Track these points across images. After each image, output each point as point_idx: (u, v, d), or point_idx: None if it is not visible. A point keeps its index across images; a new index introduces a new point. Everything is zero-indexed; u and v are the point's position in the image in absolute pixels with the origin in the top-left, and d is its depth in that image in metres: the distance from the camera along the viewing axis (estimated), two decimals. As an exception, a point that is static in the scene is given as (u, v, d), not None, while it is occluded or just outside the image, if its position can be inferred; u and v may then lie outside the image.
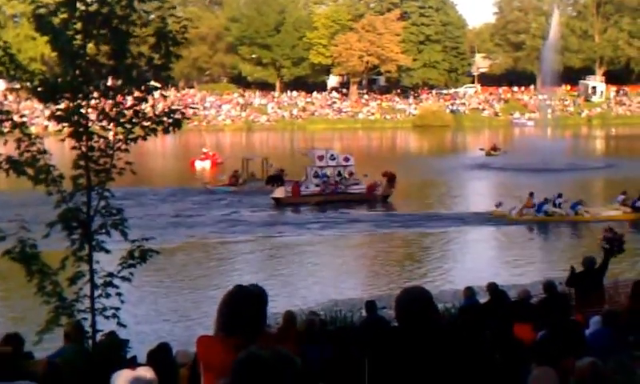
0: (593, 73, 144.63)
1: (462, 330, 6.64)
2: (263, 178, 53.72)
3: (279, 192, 48.64)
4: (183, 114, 14.13)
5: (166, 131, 13.81)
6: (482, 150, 77.00)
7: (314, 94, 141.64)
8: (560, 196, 41.68)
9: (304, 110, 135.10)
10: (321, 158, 50.79)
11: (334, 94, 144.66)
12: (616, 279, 20.08)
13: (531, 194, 41.80)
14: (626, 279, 19.95)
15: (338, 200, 47.76)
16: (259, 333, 5.19)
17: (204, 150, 72.05)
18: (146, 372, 8.83)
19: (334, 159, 50.92)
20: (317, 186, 49.04)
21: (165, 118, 13.76)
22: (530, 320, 13.49)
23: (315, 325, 13.93)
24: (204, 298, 25.65)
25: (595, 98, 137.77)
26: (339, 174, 49.96)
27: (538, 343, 9.89)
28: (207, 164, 69.21)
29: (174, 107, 14.18)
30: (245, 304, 5.29)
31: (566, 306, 14.61)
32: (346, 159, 51.34)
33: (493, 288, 17.24)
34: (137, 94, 13.63)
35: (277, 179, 51.04)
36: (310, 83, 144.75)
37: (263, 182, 52.79)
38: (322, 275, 30.30)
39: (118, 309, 13.43)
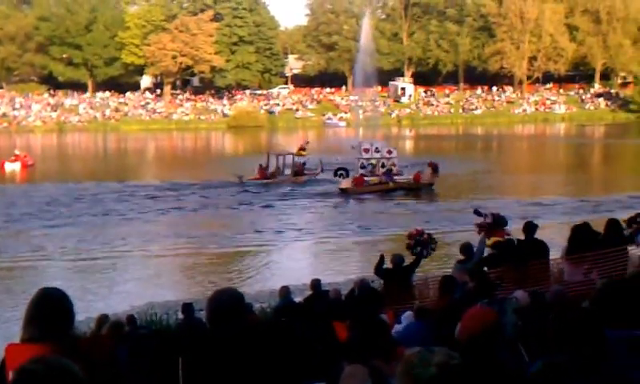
0: (402, 74, 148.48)
1: (273, 330, 6.77)
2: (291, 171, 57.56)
3: (345, 183, 52.14)
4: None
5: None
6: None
7: (127, 94, 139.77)
8: None
9: (117, 110, 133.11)
10: (367, 150, 55.11)
11: (148, 94, 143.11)
12: (426, 275, 20.58)
13: None
14: (435, 275, 20.47)
15: (396, 188, 51.13)
16: (65, 337, 4.98)
17: (16, 152, 70.17)
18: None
19: (379, 152, 55.14)
20: (363, 175, 52.49)
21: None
22: (346, 318, 13.80)
23: (122, 327, 13.92)
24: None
25: (404, 99, 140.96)
26: (383, 165, 53.79)
27: (347, 341, 10.18)
28: (17, 166, 67.30)
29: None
30: (46, 308, 5.08)
31: (378, 302, 14.98)
32: (389, 152, 55.61)
33: (315, 284, 17.59)
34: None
35: (342, 171, 55.92)
36: (123, 83, 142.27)
37: (291, 174, 56.98)
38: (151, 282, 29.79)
39: None
